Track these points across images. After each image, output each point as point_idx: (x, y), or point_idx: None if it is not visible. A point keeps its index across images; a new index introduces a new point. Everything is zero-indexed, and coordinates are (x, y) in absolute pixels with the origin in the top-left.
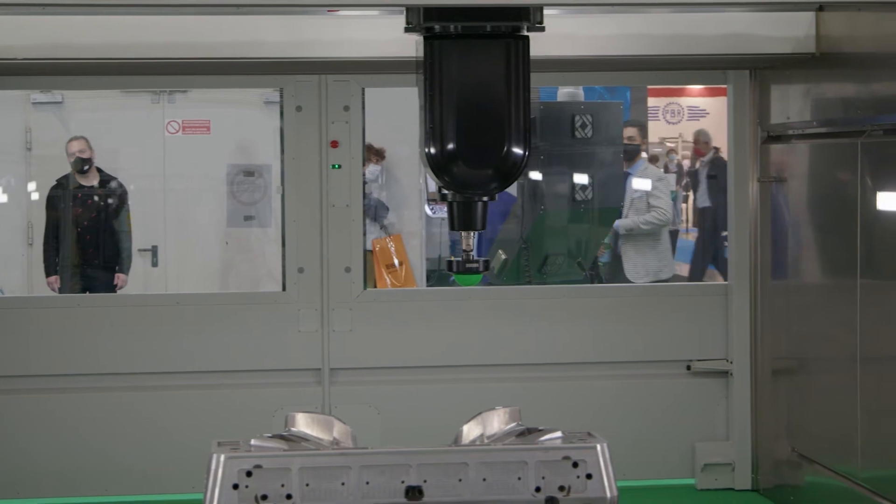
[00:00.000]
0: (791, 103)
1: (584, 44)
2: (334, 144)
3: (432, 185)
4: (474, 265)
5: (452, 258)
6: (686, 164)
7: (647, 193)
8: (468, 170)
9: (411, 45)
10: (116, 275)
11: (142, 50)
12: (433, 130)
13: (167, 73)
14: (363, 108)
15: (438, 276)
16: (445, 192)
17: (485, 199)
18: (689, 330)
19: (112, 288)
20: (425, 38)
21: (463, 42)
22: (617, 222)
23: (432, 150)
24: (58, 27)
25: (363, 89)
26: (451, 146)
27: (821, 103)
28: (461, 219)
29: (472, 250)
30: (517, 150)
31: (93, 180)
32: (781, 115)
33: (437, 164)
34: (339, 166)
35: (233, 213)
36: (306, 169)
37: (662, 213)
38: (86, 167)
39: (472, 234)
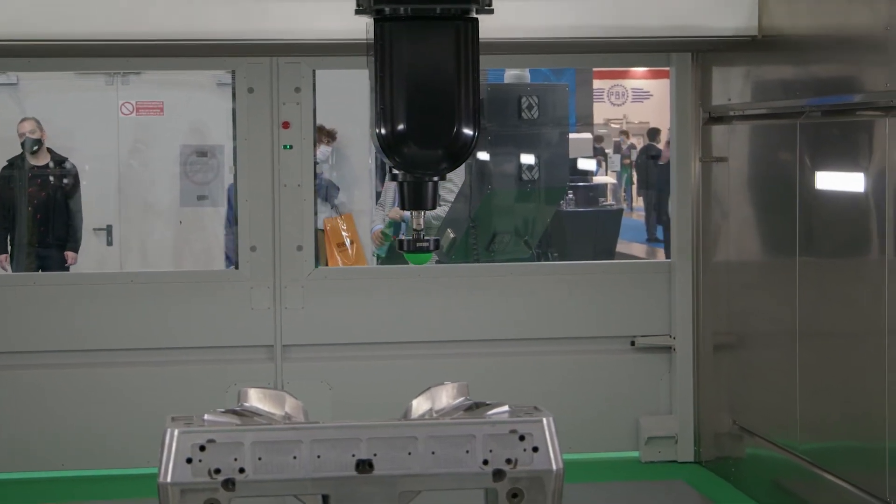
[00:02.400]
0: (732, 85)
1: (531, 27)
2: (286, 125)
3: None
4: (425, 244)
5: (403, 237)
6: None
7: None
8: (418, 150)
9: (361, 28)
10: (66, 253)
11: (95, 32)
12: (383, 111)
13: (121, 56)
14: (314, 89)
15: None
16: (396, 172)
17: (435, 178)
18: (633, 307)
19: (63, 266)
20: (375, 20)
21: (413, 24)
22: (440, 212)
23: (383, 131)
24: (12, 9)
25: (314, 71)
26: (401, 127)
27: (761, 85)
28: (411, 198)
29: (422, 229)
30: (467, 131)
31: (43, 160)
32: (723, 97)
33: (388, 145)
34: (291, 147)
35: (186, 193)
36: (258, 149)
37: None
38: (36, 147)
39: (422, 213)
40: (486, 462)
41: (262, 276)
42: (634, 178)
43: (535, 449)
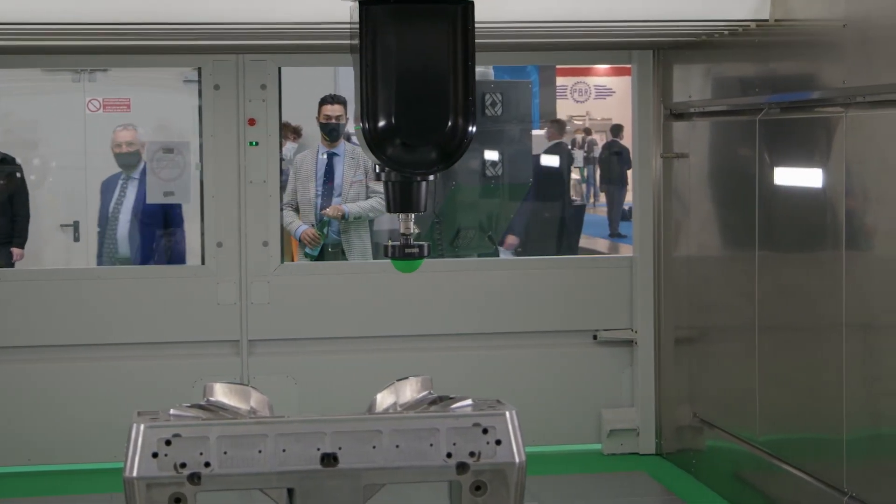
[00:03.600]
0: (693, 82)
1: (495, 25)
2: (251, 122)
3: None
4: (413, 250)
5: (390, 242)
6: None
7: (366, 177)
8: (408, 146)
9: (328, 26)
10: (12, 249)
11: (62, 31)
12: (369, 104)
13: (88, 53)
14: (280, 86)
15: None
16: (381, 170)
17: (427, 178)
18: (595, 301)
19: (9, 262)
20: (361, 4)
21: (402, 8)
22: (345, 208)
23: (368, 125)
24: None
25: (279, 68)
26: (388, 121)
27: (721, 82)
28: (399, 199)
29: (411, 234)
30: (462, 125)
31: None
32: (683, 94)
33: (374, 141)
34: (257, 143)
35: (153, 189)
36: (224, 146)
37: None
38: None
39: (410, 216)
40: (449, 455)
41: (228, 271)
42: (597, 175)
43: (499, 442)
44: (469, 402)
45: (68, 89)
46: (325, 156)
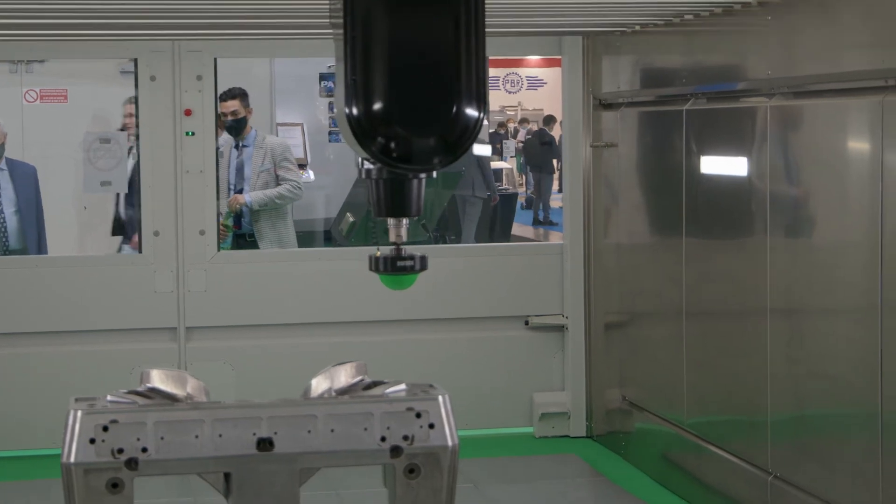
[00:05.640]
0: (621, 73)
1: None
2: (188, 113)
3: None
4: (407, 263)
5: (378, 253)
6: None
7: (274, 166)
8: (404, 136)
9: (264, 17)
10: None
11: None
12: (356, 84)
13: (25, 40)
14: (216, 77)
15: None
16: (370, 165)
17: (422, 175)
18: (527, 287)
19: None
20: None
21: None
22: (247, 197)
23: (355, 111)
24: None
25: (215, 59)
26: (380, 105)
27: (649, 73)
28: (390, 201)
29: (404, 243)
30: (470, 111)
31: None
32: (612, 84)
33: (363, 129)
34: (193, 133)
35: (90, 179)
36: (161, 136)
37: (296, 185)
38: None
39: (402, 222)
40: (383, 439)
41: (166, 259)
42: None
43: (432, 426)
44: (403, 386)
45: (5, 81)
46: (235, 148)
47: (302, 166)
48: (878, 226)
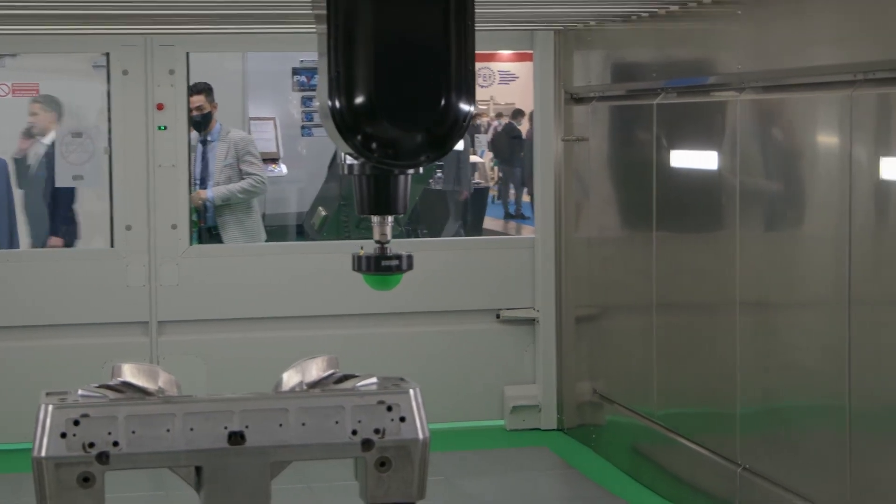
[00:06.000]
0: (592, 67)
1: None
2: (160, 107)
3: (262, 145)
4: (392, 263)
5: (362, 252)
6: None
7: (237, 160)
8: (390, 130)
9: (236, 8)
10: None
11: None
12: (340, 76)
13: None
14: (188, 72)
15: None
16: (352, 161)
17: (409, 171)
18: (498, 281)
19: None
20: None
21: None
22: (209, 192)
23: (338, 104)
24: None
25: (188, 54)
26: (366, 98)
27: (620, 67)
28: (373, 198)
29: (388, 242)
30: (460, 104)
31: None
32: (584, 79)
33: (347, 123)
34: (165, 128)
35: (62, 173)
36: (133, 130)
37: (259, 179)
38: None
39: (387, 220)
40: (354, 432)
41: (138, 253)
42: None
43: (403, 419)
44: (374, 380)
45: None
46: (200, 143)
47: (274, 160)
48: (846, 219)
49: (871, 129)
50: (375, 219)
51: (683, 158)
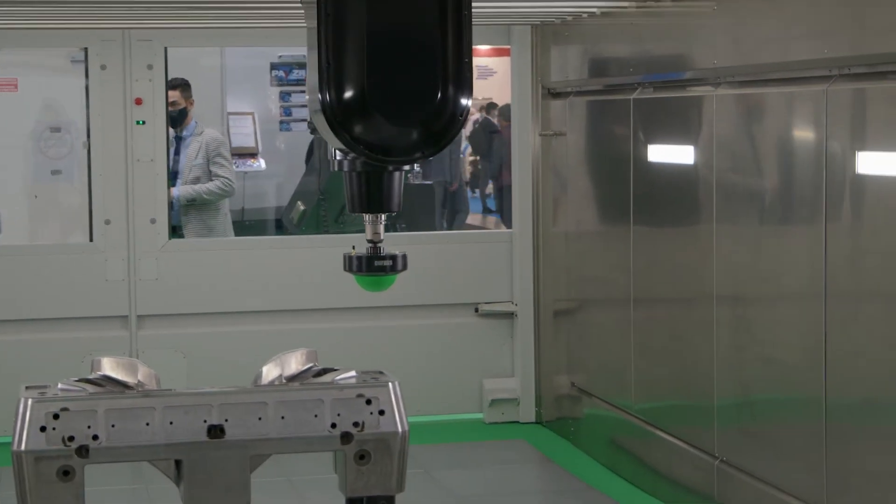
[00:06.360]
0: (570, 62)
1: None
2: (138, 102)
3: (241, 140)
4: (385, 263)
5: (353, 252)
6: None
7: (207, 161)
8: (384, 124)
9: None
10: None
11: None
12: (331, 68)
13: None
14: (166, 66)
15: (241, 226)
16: (341, 156)
17: (405, 168)
18: (476, 275)
19: None
20: None
21: None
22: (175, 191)
23: (329, 97)
24: None
25: (166, 49)
26: (359, 90)
27: (597, 62)
28: (365, 196)
29: (381, 241)
30: (457, 97)
31: None
32: (561, 74)
33: (337, 117)
34: (144, 122)
35: (40, 168)
36: (111, 125)
37: (227, 181)
38: None
39: (380, 218)
40: (334, 426)
41: (117, 248)
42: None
43: (382, 412)
44: (353, 373)
45: None
46: (175, 139)
47: (253, 155)
48: (821, 213)
49: (847, 124)
50: (368, 217)
51: (660, 153)
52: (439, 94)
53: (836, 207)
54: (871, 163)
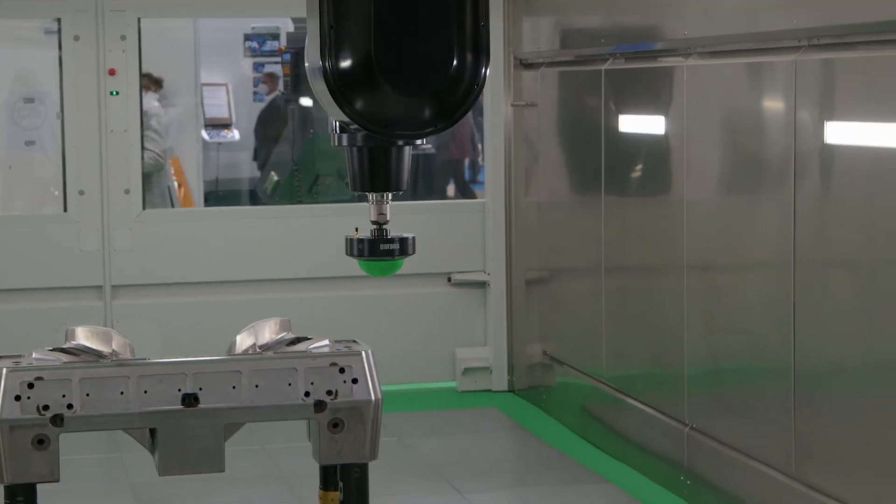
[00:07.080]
0: (541, 33)
1: None
2: (112, 72)
3: (214, 111)
4: (392, 246)
5: (357, 234)
6: None
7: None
8: (392, 95)
9: None
10: None
11: None
12: (334, 32)
13: None
14: (139, 37)
15: (215, 197)
16: (343, 129)
17: (416, 142)
18: (449, 244)
19: None
20: None
21: None
22: None
23: (331, 64)
24: None
25: (139, 19)
26: (364, 56)
27: (568, 33)
28: (368, 173)
29: (387, 222)
30: (472, 64)
31: None
32: (533, 45)
33: (341, 87)
34: (117, 93)
35: (14, 139)
36: (85, 96)
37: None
38: None
39: (386, 198)
40: (307, 394)
41: (91, 218)
42: None
43: (355, 381)
44: (326, 342)
45: None
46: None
47: (227, 126)
48: (790, 183)
49: (816, 95)
50: (373, 197)
51: (631, 123)
52: (454, 62)
53: (805, 177)
54: (840, 133)
